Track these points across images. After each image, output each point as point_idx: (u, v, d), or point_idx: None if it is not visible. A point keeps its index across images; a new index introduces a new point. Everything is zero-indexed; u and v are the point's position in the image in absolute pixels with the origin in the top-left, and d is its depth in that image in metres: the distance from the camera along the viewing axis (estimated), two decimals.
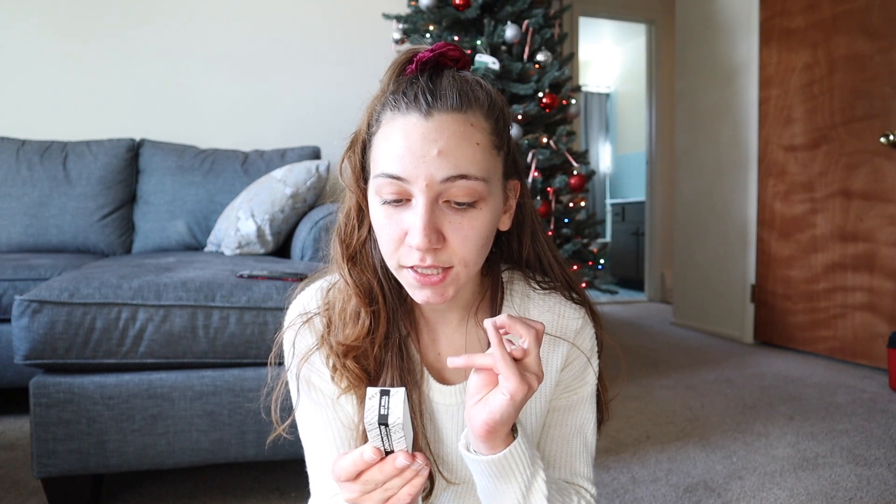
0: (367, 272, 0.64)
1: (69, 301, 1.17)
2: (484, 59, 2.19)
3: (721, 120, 3.25)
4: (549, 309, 0.68)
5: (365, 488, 0.51)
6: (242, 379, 1.26)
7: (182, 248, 2.36)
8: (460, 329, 0.68)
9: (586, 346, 0.70)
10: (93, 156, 2.39)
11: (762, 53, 3.00)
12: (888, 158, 2.43)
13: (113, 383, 1.20)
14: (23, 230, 2.25)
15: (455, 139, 0.54)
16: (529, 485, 0.57)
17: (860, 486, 1.42)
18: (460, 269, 0.57)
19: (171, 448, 1.23)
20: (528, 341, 0.53)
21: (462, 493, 0.70)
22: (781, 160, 2.92)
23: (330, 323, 0.65)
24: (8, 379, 1.72)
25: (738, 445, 1.69)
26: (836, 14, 2.62)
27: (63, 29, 2.65)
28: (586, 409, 0.71)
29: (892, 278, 2.44)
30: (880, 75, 2.45)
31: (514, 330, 0.53)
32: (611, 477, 1.49)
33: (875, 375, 2.42)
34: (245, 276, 1.35)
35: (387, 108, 0.57)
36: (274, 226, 2.03)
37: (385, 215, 0.57)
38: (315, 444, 0.67)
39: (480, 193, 0.56)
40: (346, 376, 0.63)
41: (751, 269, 3.08)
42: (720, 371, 2.51)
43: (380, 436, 0.49)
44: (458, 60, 0.60)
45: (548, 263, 0.70)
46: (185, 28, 2.80)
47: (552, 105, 2.26)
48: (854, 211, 2.59)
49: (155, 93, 2.76)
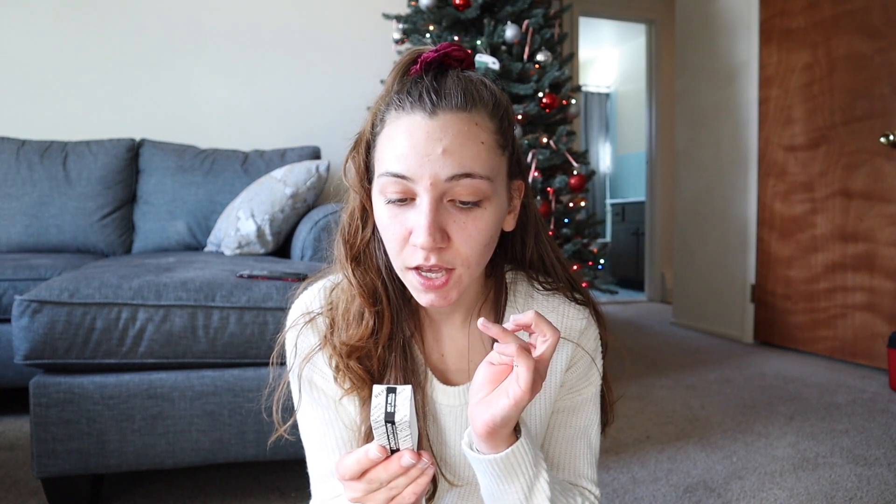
0: (370, 272, 0.64)
1: (69, 301, 1.16)
2: (484, 59, 2.19)
3: (721, 120, 3.25)
4: (553, 310, 0.68)
5: (369, 487, 0.50)
6: (242, 379, 1.26)
7: (182, 248, 2.35)
8: (464, 330, 0.68)
9: (590, 347, 0.69)
10: (93, 156, 2.39)
11: (762, 53, 3.00)
12: (888, 158, 2.43)
13: (113, 383, 1.19)
14: (23, 230, 2.25)
15: (460, 138, 0.54)
16: (532, 485, 0.57)
17: (860, 486, 1.42)
18: (463, 271, 0.57)
19: (171, 448, 1.23)
20: (550, 344, 0.52)
21: (465, 495, 0.69)
22: (781, 160, 2.92)
23: (333, 323, 0.64)
24: (8, 379, 1.72)
25: (738, 445, 1.69)
26: (836, 14, 2.63)
27: (63, 29, 2.65)
28: (590, 411, 0.71)
29: (892, 278, 2.44)
30: (880, 75, 2.45)
31: (540, 329, 0.52)
32: (611, 477, 1.49)
33: (875, 375, 2.42)
34: (245, 276, 1.35)
35: (391, 108, 0.57)
36: (274, 226, 2.03)
37: (389, 214, 0.57)
38: (316, 445, 0.66)
39: (485, 193, 0.55)
40: (349, 377, 0.63)
41: (751, 269, 3.08)
42: (720, 371, 2.51)
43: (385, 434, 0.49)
44: (463, 60, 0.60)
45: (551, 264, 0.70)
46: (185, 28, 2.80)
47: (552, 105, 2.26)
48: (854, 211, 2.59)
49: (155, 93, 2.76)
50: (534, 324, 0.52)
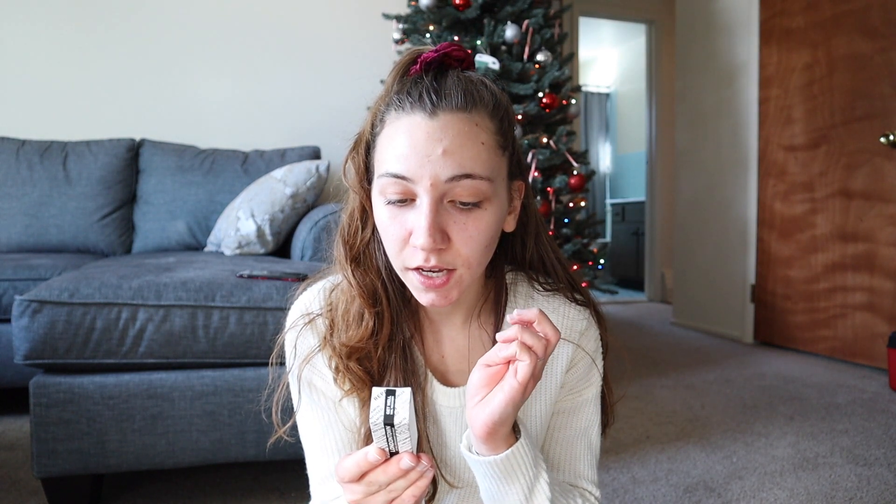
0: (370, 274, 0.63)
1: (69, 301, 1.16)
2: (484, 59, 2.19)
3: (721, 120, 3.25)
4: (554, 310, 0.68)
5: (369, 490, 0.50)
6: (242, 379, 1.26)
7: (182, 248, 2.35)
8: (464, 331, 0.68)
9: (591, 348, 0.69)
10: (93, 156, 2.39)
11: (762, 53, 3.00)
12: (888, 158, 2.43)
13: (113, 383, 1.19)
14: (23, 230, 2.25)
15: (460, 138, 0.54)
16: (532, 486, 0.57)
17: (860, 486, 1.42)
18: (464, 272, 0.57)
19: (171, 448, 1.23)
20: (552, 342, 0.52)
21: (465, 497, 0.69)
22: (781, 160, 2.92)
23: (333, 324, 0.64)
24: (8, 379, 1.72)
25: (738, 445, 1.69)
26: (836, 14, 2.62)
27: (63, 29, 2.65)
28: (591, 412, 0.70)
29: (892, 278, 2.44)
30: (880, 75, 2.45)
31: (542, 327, 0.52)
32: (611, 477, 1.49)
33: (875, 375, 2.42)
34: (245, 276, 1.35)
35: (391, 109, 0.57)
36: (274, 226, 2.03)
37: (389, 215, 0.56)
38: (316, 446, 0.66)
39: (485, 193, 0.55)
40: (348, 378, 0.63)
41: (751, 269, 3.08)
42: (720, 371, 2.51)
43: (385, 436, 0.48)
44: (463, 60, 0.60)
45: (551, 265, 0.70)
46: (185, 28, 2.80)
47: (552, 105, 2.25)
48: (854, 211, 2.59)
49: (155, 93, 2.76)
50: (536, 321, 0.52)
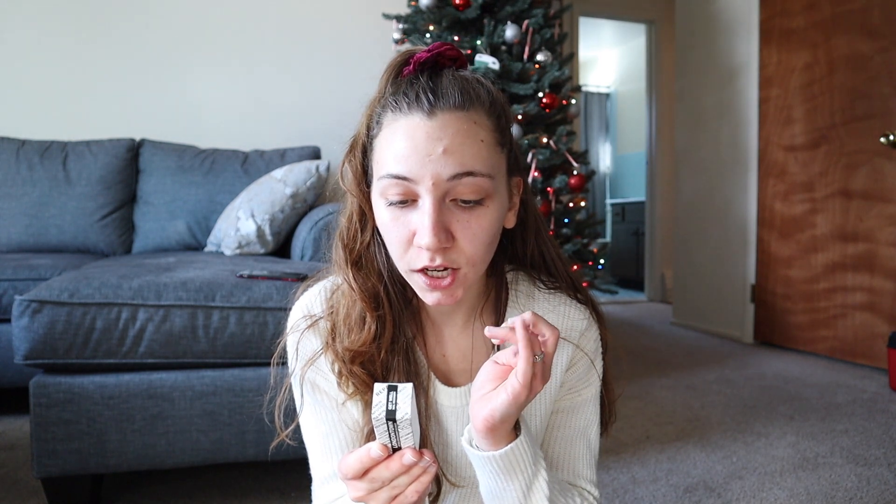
0: (371, 277, 0.63)
1: (69, 301, 1.16)
2: (484, 59, 2.19)
3: (721, 120, 3.25)
4: (554, 309, 0.68)
5: (372, 486, 0.50)
6: (242, 379, 1.26)
7: (182, 248, 2.35)
8: (465, 330, 0.68)
9: (591, 348, 0.69)
10: (93, 156, 2.39)
11: (762, 53, 3.00)
12: (888, 158, 2.43)
13: (113, 383, 1.19)
14: (23, 230, 2.25)
15: (460, 137, 0.54)
16: (531, 483, 0.57)
17: (860, 486, 1.42)
18: (468, 270, 0.57)
19: (171, 448, 1.23)
20: (550, 343, 0.52)
21: (466, 496, 0.69)
22: (781, 160, 2.92)
23: (334, 328, 0.64)
24: (8, 379, 1.72)
25: (738, 445, 1.69)
26: (836, 14, 2.62)
27: (63, 29, 2.65)
28: (590, 411, 0.70)
29: (892, 278, 2.44)
30: (880, 75, 2.45)
31: (539, 329, 0.53)
32: (611, 477, 1.49)
33: (875, 375, 2.42)
34: (245, 276, 1.35)
35: (387, 110, 0.57)
36: (274, 226, 2.03)
37: (391, 217, 0.56)
38: (319, 447, 0.66)
39: (487, 190, 0.56)
40: (352, 382, 0.62)
41: (751, 269, 3.08)
42: (720, 371, 2.51)
43: (387, 432, 0.48)
44: (456, 60, 0.60)
45: (552, 262, 0.70)
46: (185, 28, 2.80)
47: (552, 105, 2.25)
48: (854, 211, 2.59)
49: (155, 93, 2.76)
50: (532, 324, 0.52)
